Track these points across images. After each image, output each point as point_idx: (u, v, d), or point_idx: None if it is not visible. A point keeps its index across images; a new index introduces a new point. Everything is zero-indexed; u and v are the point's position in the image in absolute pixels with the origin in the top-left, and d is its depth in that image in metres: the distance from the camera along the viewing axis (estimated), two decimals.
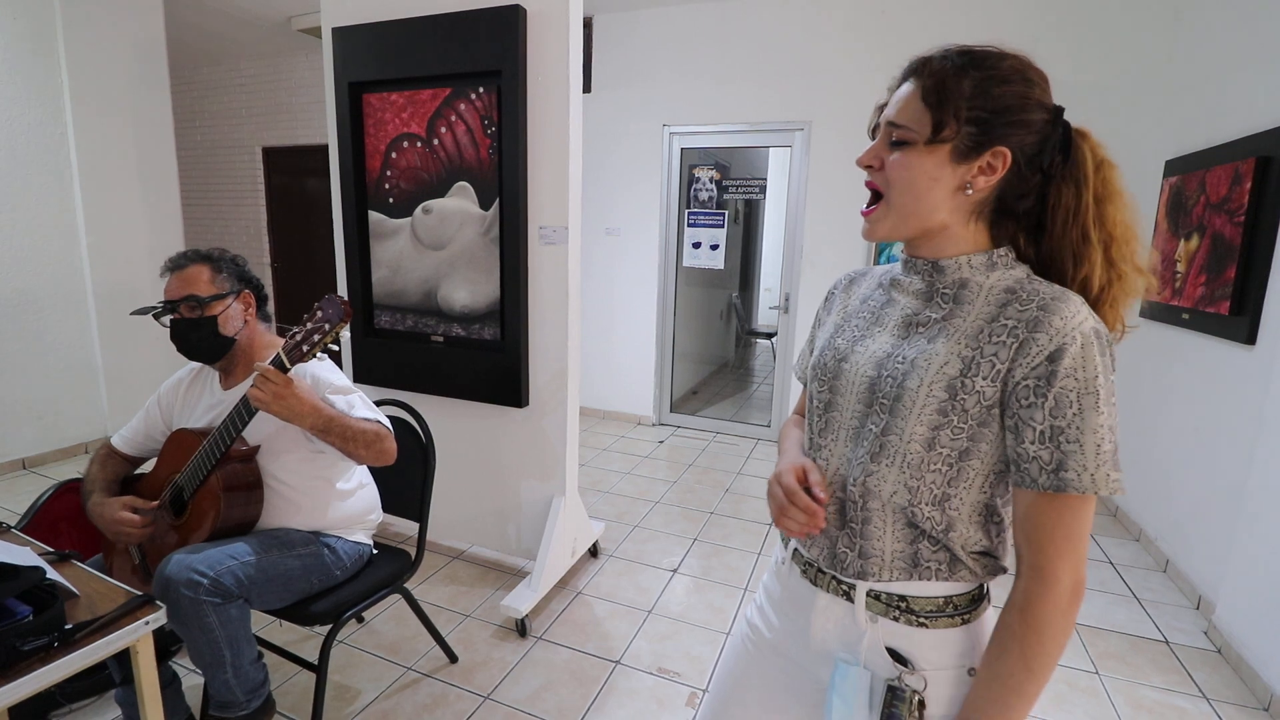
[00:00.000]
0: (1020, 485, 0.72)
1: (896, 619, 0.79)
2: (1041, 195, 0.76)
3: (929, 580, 0.78)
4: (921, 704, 0.76)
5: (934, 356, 0.75)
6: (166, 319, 1.56)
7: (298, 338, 1.37)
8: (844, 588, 0.82)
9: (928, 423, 0.74)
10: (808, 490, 0.81)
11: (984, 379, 0.71)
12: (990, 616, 0.81)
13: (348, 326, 1.38)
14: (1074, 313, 0.69)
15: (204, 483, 1.49)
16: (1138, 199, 0.76)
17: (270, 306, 1.72)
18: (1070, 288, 0.75)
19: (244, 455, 1.53)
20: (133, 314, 1.72)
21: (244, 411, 1.42)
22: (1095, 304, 0.75)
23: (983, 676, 0.74)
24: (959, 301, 0.77)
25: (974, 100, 0.71)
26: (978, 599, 0.80)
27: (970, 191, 0.74)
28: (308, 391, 1.41)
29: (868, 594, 0.80)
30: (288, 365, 1.37)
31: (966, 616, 0.79)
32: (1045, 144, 0.73)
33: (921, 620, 0.78)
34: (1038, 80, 0.73)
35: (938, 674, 0.77)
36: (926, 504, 0.76)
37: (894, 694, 0.76)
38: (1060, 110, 0.74)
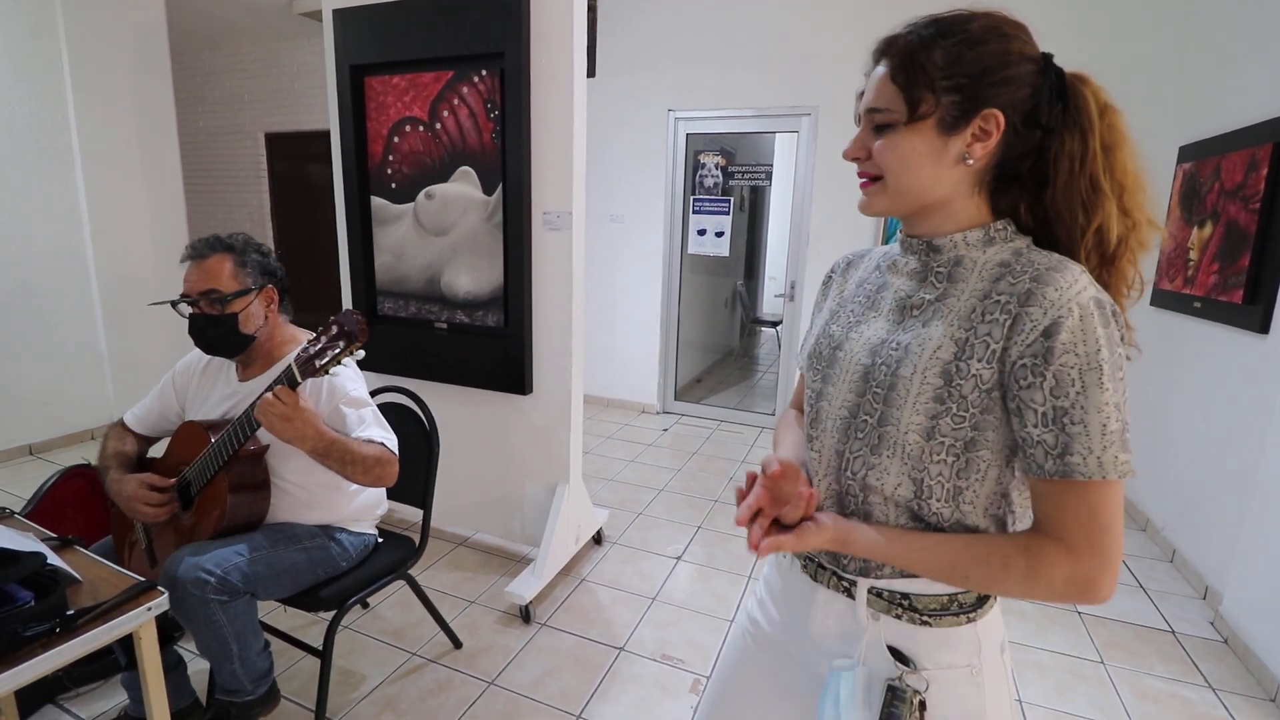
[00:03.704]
0: (1028, 472, 0.68)
1: (899, 617, 0.76)
2: (1042, 151, 0.72)
3: None
4: (923, 705, 0.73)
5: (927, 341, 0.71)
6: (186, 310, 1.52)
7: (311, 352, 1.30)
8: (845, 584, 0.79)
9: (925, 411, 0.70)
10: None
11: (979, 361, 0.68)
12: (996, 613, 0.79)
13: (362, 348, 1.31)
14: (1070, 282, 0.64)
15: (212, 481, 1.47)
16: (1138, 152, 0.71)
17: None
18: (1083, 240, 0.71)
19: (253, 455, 1.51)
20: (151, 305, 1.67)
21: (249, 424, 1.39)
22: (1114, 258, 0.71)
23: (939, 539, 0.71)
24: (953, 280, 0.73)
25: (949, 69, 0.68)
26: (983, 597, 0.77)
27: (970, 161, 0.71)
28: (312, 415, 1.36)
29: (869, 591, 0.77)
30: (299, 379, 1.32)
31: (971, 615, 0.76)
32: (1039, 96, 0.69)
33: (925, 619, 0.75)
34: (1015, 33, 0.70)
35: (940, 674, 0.75)
36: (938, 499, 0.72)
37: (894, 694, 0.74)
38: (1049, 57, 0.70)
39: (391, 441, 1.53)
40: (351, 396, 1.54)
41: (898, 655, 0.76)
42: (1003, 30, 0.69)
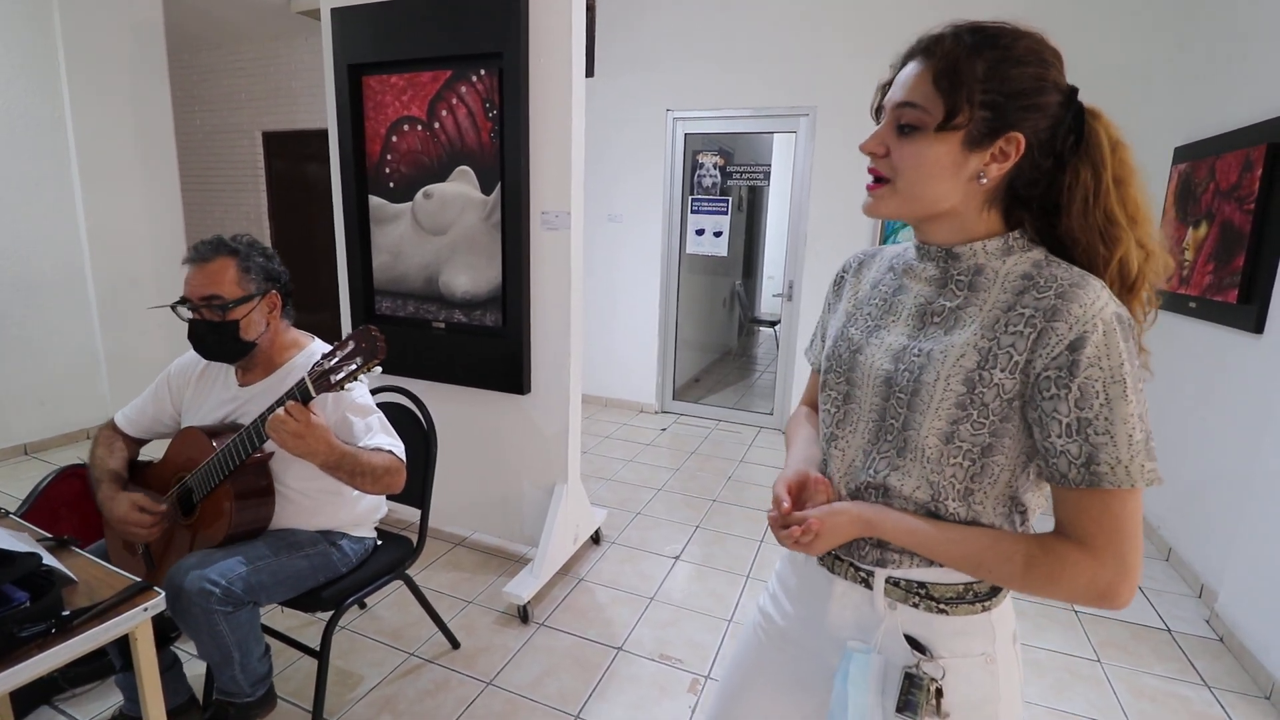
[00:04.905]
0: (1051, 481, 0.70)
1: (916, 605, 0.77)
2: (1052, 180, 0.73)
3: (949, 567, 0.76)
4: (939, 692, 0.75)
5: (950, 349, 0.72)
6: (186, 314, 1.49)
7: (326, 366, 1.28)
8: (862, 574, 0.81)
9: (946, 417, 0.72)
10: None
11: (1002, 371, 0.69)
12: (1008, 603, 0.80)
13: (379, 365, 1.28)
14: (1094, 298, 0.66)
15: (216, 490, 1.45)
16: (1146, 187, 0.73)
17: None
18: (1104, 270, 0.72)
19: (258, 462, 1.49)
20: (150, 309, 1.65)
21: (257, 435, 1.37)
22: (1135, 286, 0.72)
23: (965, 532, 0.73)
24: (974, 289, 0.75)
25: (988, 83, 0.68)
26: (998, 586, 0.78)
27: (984, 180, 0.71)
28: (324, 430, 1.35)
29: (887, 580, 0.79)
30: (312, 394, 1.29)
31: (987, 604, 0.77)
32: (1058, 127, 0.70)
33: (942, 607, 0.77)
34: (1053, 60, 0.70)
35: (956, 661, 0.76)
36: (952, 500, 0.74)
37: (911, 681, 0.75)
38: (1074, 91, 0.71)
39: (399, 448, 1.52)
40: (358, 404, 1.53)
41: (914, 643, 0.77)
42: (1043, 56, 0.70)
